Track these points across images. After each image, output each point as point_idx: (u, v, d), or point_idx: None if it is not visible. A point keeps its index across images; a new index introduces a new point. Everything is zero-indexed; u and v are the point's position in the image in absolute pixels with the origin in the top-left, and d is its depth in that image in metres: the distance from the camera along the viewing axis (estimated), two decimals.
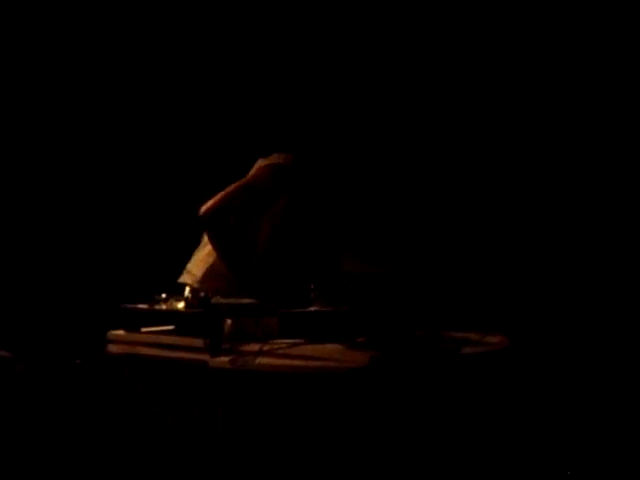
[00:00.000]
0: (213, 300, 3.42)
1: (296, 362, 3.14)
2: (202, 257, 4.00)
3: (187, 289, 3.51)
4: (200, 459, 3.26)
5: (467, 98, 4.85)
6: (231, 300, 3.50)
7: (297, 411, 3.11)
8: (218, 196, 3.88)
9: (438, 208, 4.78)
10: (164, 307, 3.49)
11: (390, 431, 3.11)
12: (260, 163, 4.00)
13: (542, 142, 4.74)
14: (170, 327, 3.47)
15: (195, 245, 4.07)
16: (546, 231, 4.71)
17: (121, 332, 3.52)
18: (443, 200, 4.81)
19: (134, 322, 3.50)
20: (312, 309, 3.42)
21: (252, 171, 3.99)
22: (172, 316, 3.46)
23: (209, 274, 3.96)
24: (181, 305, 3.47)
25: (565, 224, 4.68)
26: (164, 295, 3.52)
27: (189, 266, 4.04)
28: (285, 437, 3.13)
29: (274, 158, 3.99)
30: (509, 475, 3.58)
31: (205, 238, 3.98)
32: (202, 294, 3.45)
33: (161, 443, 3.35)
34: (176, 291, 3.55)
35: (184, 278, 4.00)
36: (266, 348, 3.19)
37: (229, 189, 3.89)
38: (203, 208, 3.87)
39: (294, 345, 3.25)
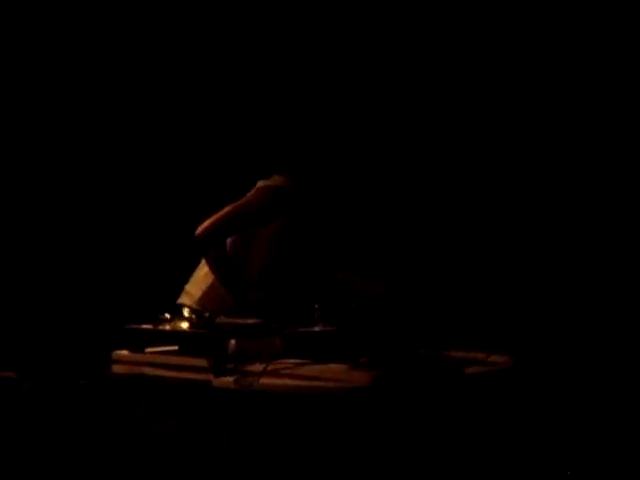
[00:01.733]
0: (217, 320, 3.42)
1: (300, 382, 3.14)
2: (200, 278, 4.01)
3: (186, 310, 3.51)
4: (204, 479, 3.25)
5: (463, 114, 4.86)
6: (235, 320, 3.50)
7: (301, 431, 3.10)
8: (213, 217, 3.89)
9: (439, 225, 4.78)
10: (168, 327, 3.49)
11: (394, 451, 3.10)
12: (260, 185, 4.01)
13: (545, 151, 4.74)
14: (174, 347, 3.48)
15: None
16: (551, 250, 4.70)
17: (125, 352, 3.52)
18: (444, 217, 4.81)
19: (138, 342, 3.50)
20: (316, 329, 3.42)
21: (250, 192, 4.00)
22: (176, 336, 3.46)
23: (207, 295, 3.96)
24: (185, 325, 3.47)
25: (571, 241, 4.67)
26: (168, 315, 3.52)
27: (187, 287, 4.05)
28: (289, 457, 3.12)
29: (273, 180, 4.00)
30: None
31: (203, 259, 3.99)
32: (206, 314, 3.45)
33: (165, 463, 3.34)
34: (180, 311, 3.55)
35: (183, 299, 4.01)
36: (270, 368, 3.19)
37: (224, 210, 3.91)
38: (198, 229, 3.88)
39: (298, 365, 3.24)
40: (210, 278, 3.96)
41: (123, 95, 5.25)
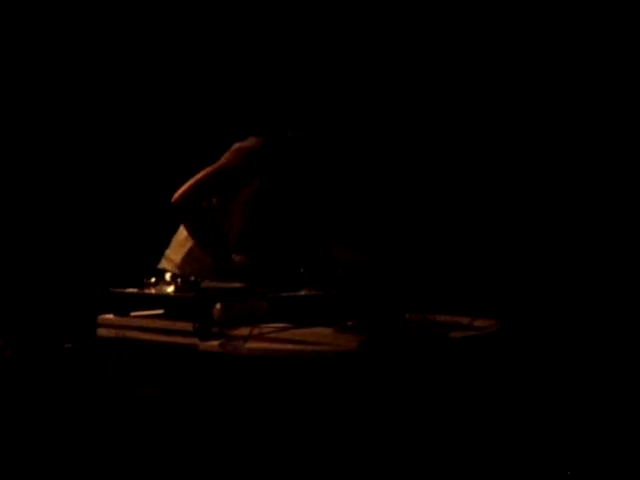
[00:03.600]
0: (203, 284, 3.41)
1: (286, 346, 3.14)
2: (180, 242, 4.00)
3: (168, 275, 3.51)
4: (190, 443, 3.26)
5: (439, 85, 4.85)
6: (220, 284, 3.50)
7: (287, 395, 3.11)
8: (189, 182, 3.87)
9: (424, 193, 4.78)
10: (154, 291, 3.49)
11: (380, 415, 3.11)
12: (235, 146, 3.99)
13: (522, 132, 4.74)
14: (160, 311, 3.47)
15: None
16: (533, 215, 4.71)
17: (111, 316, 3.51)
18: (427, 185, 4.81)
19: (124, 306, 3.49)
20: (302, 293, 3.42)
21: (225, 154, 3.97)
22: (162, 300, 3.46)
23: (187, 259, 3.95)
24: (170, 289, 3.47)
25: (550, 209, 4.68)
26: (154, 279, 3.51)
27: (167, 252, 4.04)
28: (275, 421, 3.13)
29: (248, 142, 3.98)
30: (503, 464, 3.58)
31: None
32: (192, 278, 3.44)
33: (150, 427, 3.34)
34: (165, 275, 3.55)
35: (163, 264, 4.00)
36: (256, 332, 3.18)
37: (199, 175, 3.89)
38: (175, 195, 3.86)
39: (284, 329, 3.24)
40: (190, 242, 3.95)
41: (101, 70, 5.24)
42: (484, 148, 4.79)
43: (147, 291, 3.49)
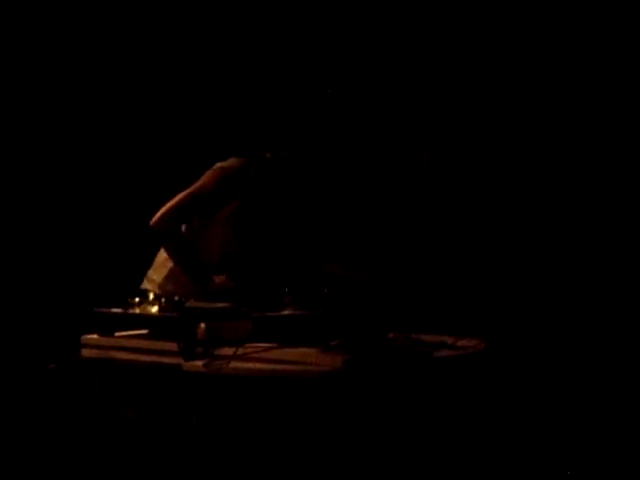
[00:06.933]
0: (187, 304, 3.41)
1: (270, 366, 3.14)
2: (161, 262, 4.00)
3: (151, 295, 3.51)
4: (174, 464, 3.25)
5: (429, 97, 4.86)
6: (205, 304, 3.50)
7: (271, 415, 3.11)
8: (168, 205, 3.87)
9: (413, 210, 4.78)
10: (138, 311, 3.48)
11: (365, 435, 3.11)
12: (216, 166, 3.99)
13: (509, 146, 4.75)
14: (144, 331, 3.47)
15: None
16: (521, 234, 4.72)
17: (95, 336, 3.52)
18: (418, 202, 4.81)
19: (108, 326, 3.49)
20: (286, 313, 3.42)
21: (205, 175, 3.97)
22: (146, 320, 3.45)
23: (168, 279, 3.96)
24: (155, 309, 3.46)
25: (539, 226, 4.69)
26: (137, 299, 3.51)
27: (149, 272, 4.04)
28: (259, 441, 3.12)
29: (229, 162, 3.98)
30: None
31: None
32: (176, 298, 3.44)
33: (135, 447, 3.34)
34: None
35: (145, 285, 4.00)
36: (240, 352, 3.19)
37: (178, 196, 3.89)
38: (153, 218, 3.86)
39: (268, 349, 3.24)
40: (170, 262, 3.95)
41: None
42: (466, 174, 4.81)
43: (131, 311, 3.49)
